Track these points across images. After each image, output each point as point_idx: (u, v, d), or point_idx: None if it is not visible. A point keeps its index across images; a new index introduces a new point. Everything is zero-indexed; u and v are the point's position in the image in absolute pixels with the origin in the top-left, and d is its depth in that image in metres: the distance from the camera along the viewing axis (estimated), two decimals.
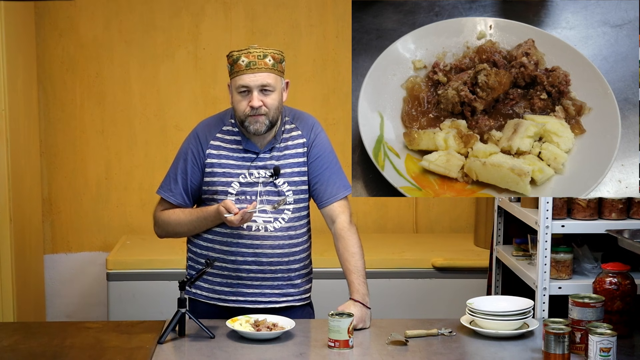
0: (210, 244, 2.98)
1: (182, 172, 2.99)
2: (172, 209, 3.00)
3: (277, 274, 2.97)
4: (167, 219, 3.00)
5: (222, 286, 2.98)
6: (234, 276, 2.96)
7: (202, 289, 3.00)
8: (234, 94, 2.91)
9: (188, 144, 3.01)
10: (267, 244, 2.93)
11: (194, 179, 2.98)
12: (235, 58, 2.88)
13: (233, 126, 2.99)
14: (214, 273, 2.97)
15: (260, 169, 2.94)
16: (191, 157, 2.98)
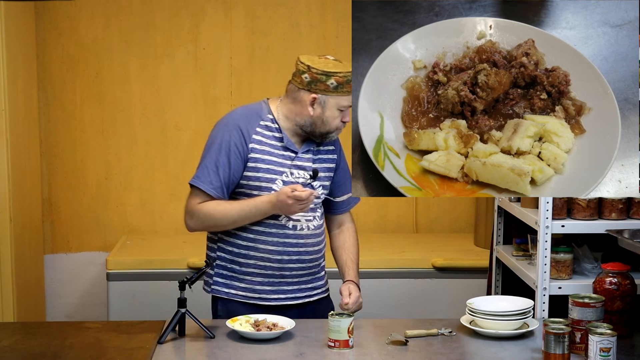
0: (252, 244, 2.98)
1: (224, 164, 2.93)
2: (214, 201, 2.93)
3: (312, 270, 3.07)
4: (212, 210, 2.93)
5: (264, 285, 3.00)
6: (277, 275, 3.00)
7: (237, 289, 3.00)
8: (332, 110, 2.95)
9: (228, 135, 2.95)
10: (310, 242, 3.02)
11: (236, 172, 2.94)
12: (348, 79, 2.91)
13: (272, 122, 3.00)
14: (255, 273, 2.99)
15: (299, 170, 3.00)
16: (234, 149, 2.93)
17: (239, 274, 3.00)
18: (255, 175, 2.95)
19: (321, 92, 2.92)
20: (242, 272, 2.99)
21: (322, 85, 2.91)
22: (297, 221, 2.98)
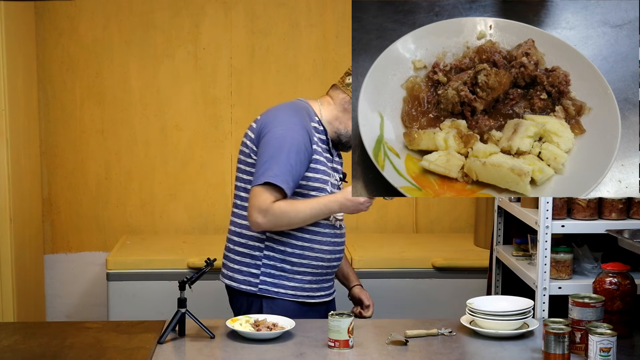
0: (308, 244, 3.03)
1: (296, 164, 2.92)
2: (286, 200, 2.93)
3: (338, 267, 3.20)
4: (287, 208, 2.92)
5: (311, 283, 3.07)
6: (322, 273, 3.08)
7: (287, 288, 3.03)
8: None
9: (298, 135, 2.95)
10: (343, 241, 3.15)
11: (302, 171, 2.96)
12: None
13: (319, 124, 3.04)
14: (305, 272, 3.04)
15: (335, 172, 3.09)
16: (303, 150, 2.94)
17: (289, 273, 3.03)
18: (315, 176, 2.99)
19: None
20: (292, 271, 3.03)
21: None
22: (340, 220, 3.08)
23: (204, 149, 4.90)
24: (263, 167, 2.91)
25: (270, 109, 3.09)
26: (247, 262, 3.04)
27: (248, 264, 3.04)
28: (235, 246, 3.07)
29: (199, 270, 2.85)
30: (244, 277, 3.04)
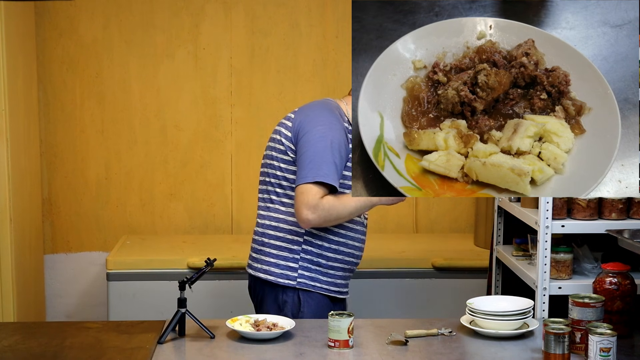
0: (343, 239, 3.10)
1: (340, 162, 2.98)
2: (333, 195, 2.96)
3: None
4: (335, 203, 2.95)
5: (342, 279, 3.15)
6: (352, 269, 3.17)
7: (321, 282, 3.09)
8: None
9: (339, 133, 3.00)
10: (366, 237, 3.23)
11: (342, 170, 3.02)
12: None
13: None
14: (338, 267, 3.11)
15: None
16: (344, 148, 3.00)
17: (324, 267, 3.08)
18: (346, 173, 3.03)
19: None
20: (327, 266, 3.08)
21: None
22: (366, 218, 3.19)
23: (204, 149, 4.90)
24: (309, 166, 2.93)
25: (304, 107, 3.11)
26: (285, 256, 3.06)
27: (286, 257, 3.06)
28: (271, 240, 3.08)
29: (199, 270, 2.85)
30: (281, 270, 3.06)
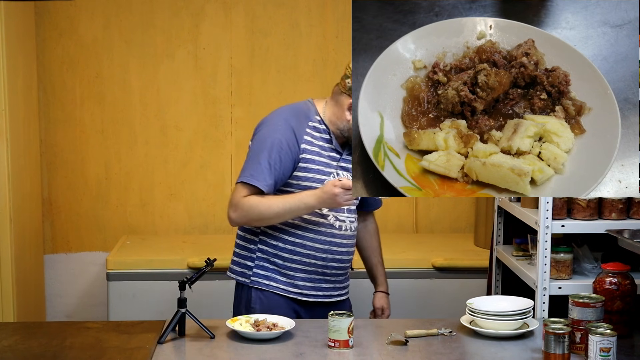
0: (300, 240, 3.04)
1: (276, 162, 2.96)
2: (259, 195, 2.96)
3: (347, 270, 3.17)
4: (257, 202, 2.95)
5: (305, 281, 3.07)
6: (319, 272, 3.07)
7: (279, 282, 3.06)
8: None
9: (281, 135, 2.98)
10: (350, 243, 3.12)
11: (286, 170, 2.98)
12: None
13: (320, 123, 3.04)
14: (298, 269, 3.05)
15: (343, 171, 3.06)
16: (286, 148, 2.97)
17: (281, 268, 3.06)
18: (306, 175, 3.00)
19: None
20: (285, 266, 3.05)
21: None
22: (342, 222, 3.06)
23: (204, 149, 4.90)
24: (243, 167, 3.00)
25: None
26: (244, 255, 3.10)
27: (245, 256, 3.10)
28: (237, 239, 3.16)
29: (199, 270, 2.85)
30: (240, 269, 3.11)
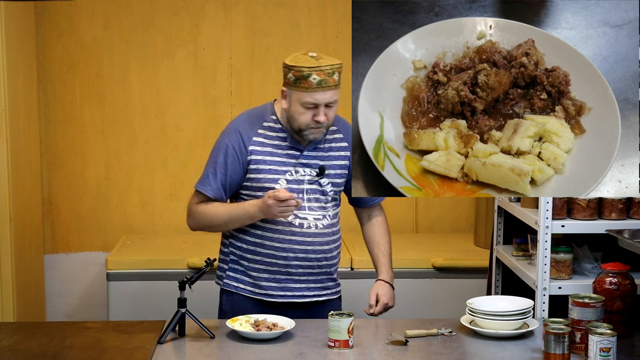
0: (259, 240, 3.02)
1: (221, 166, 2.99)
2: (210, 202, 3.01)
3: (322, 269, 3.07)
4: (205, 211, 3.00)
5: (270, 282, 3.03)
6: (283, 272, 3.02)
7: (245, 283, 3.04)
8: (296, 105, 2.92)
9: (228, 139, 3.01)
10: (317, 241, 3.02)
11: (234, 174, 2.99)
12: (305, 75, 2.86)
13: (275, 122, 3.02)
14: (261, 269, 3.02)
15: (305, 167, 3.00)
16: (232, 152, 2.99)
17: (247, 269, 3.04)
18: (257, 176, 2.98)
19: (285, 85, 2.93)
20: (250, 267, 3.04)
21: (285, 78, 2.92)
22: (304, 219, 3.00)
23: (204, 149, 4.89)
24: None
25: None
26: (222, 258, 3.13)
27: (222, 259, 3.12)
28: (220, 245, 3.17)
29: (199, 270, 2.85)
30: (219, 272, 3.13)
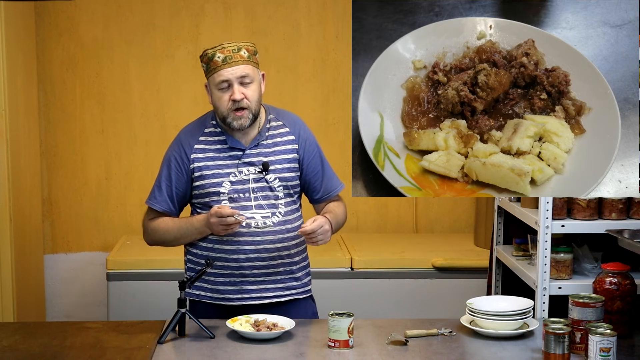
0: (210, 244, 2.97)
1: (166, 179, 3.00)
2: (162, 218, 3.01)
3: (279, 268, 2.99)
4: (156, 227, 3.01)
5: (226, 285, 2.97)
6: (237, 274, 2.96)
7: (205, 290, 2.99)
8: (213, 92, 2.93)
9: (171, 151, 3.02)
10: (268, 239, 2.94)
11: (179, 185, 2.99)
12: (210, 56, 2.91)
13: (215, 127, 3.01)
14: (216, 273, 2.96)
15: (249, 166, 2.95)
16: (175, 164, 2.99)
17: (205, 275, 2.95)
18: (202, 183, 2.96)
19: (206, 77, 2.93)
20: (207, 273, 2.94)
21: (203, 70, 2.92)
22: (251, 218, 2.92)
23: None
24: None
25: None
26: (186, 269, 3.08)
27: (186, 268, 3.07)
28: None
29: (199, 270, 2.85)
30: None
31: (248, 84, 2.89)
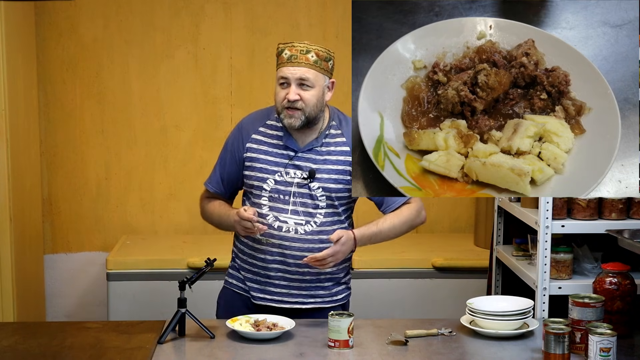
0: (246, 239, 3.03)
1: (221, 160, 3.06)
2: (213, 200, 3.08)
3: (305, 276, 2.97)
4: (205, 207, 3.11)
5: (252, 282, 3.02)
6: (262, 274, 3.00)
7: (238, 280, 3.06)
8: (276, 85, 2.94)
9: (231, 135, 3.07)
10: (296, 246, 2.93)
11: (232, 170, 3.03)
12: (279, 50, 2.93)
13: (277, 121, 2.99)
14: (246, 268, 3.03)
15: (296, 169, 2.93)
16: (230, 149, 3.03)
17: (240, 268, 3.06)
18: (250, 174, 2.98)
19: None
20: (241, 266, 3.06)
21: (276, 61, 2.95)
22: (284, 222, 2.93)
23: (204, 149, 4.90)
24: None
25: None
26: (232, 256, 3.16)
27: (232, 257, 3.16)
28: None
29: (199, 270, 2.85)
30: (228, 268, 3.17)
31: (307, 88, 2.88)
